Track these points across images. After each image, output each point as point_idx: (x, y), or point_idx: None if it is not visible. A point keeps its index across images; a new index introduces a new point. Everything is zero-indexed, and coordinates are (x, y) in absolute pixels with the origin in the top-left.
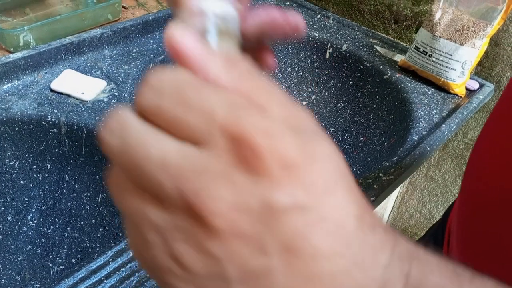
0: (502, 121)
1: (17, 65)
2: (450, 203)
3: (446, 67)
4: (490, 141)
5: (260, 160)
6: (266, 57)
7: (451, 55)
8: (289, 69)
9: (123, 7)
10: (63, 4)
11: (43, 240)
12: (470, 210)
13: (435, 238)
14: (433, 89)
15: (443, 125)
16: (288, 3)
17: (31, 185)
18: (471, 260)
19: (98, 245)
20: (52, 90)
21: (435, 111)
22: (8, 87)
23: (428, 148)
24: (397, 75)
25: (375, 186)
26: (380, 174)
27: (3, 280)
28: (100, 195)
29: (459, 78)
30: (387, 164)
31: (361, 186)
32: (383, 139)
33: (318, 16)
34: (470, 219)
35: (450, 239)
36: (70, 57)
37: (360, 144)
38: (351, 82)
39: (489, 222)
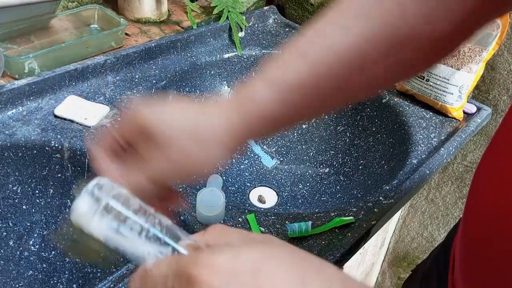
0: (503, 152)
1: (22, 92)
2: (452, 225)
3: (444, 91)
4: (491, 169)
5: None
6: (176, 198)
7: (448, 80)
8: None
9: (127, 34)
10: (67, 32)
11: (44, 265)
12: (473, 239)
13: (437, 262)
14: (431, 113)
15: (442, 149)
16: (287, 29)
17: (33, 210)
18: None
19: (99, 270)
20: (55, 116)
21: (433, 134)
22: (12, 113)
23: (428, 172)
24: (396, 99)
25: (375, 210)
26: (381, 198)
27: None
28: None
29: (457, 102)
30: (387, 187)
31: (361, 210)
32: (383, 162)
33: None
34: (472, 247)
35: (454, 265)
36: (74, 84)
37: (360, 167)
38: (350, 106)
39: (492, 252)
